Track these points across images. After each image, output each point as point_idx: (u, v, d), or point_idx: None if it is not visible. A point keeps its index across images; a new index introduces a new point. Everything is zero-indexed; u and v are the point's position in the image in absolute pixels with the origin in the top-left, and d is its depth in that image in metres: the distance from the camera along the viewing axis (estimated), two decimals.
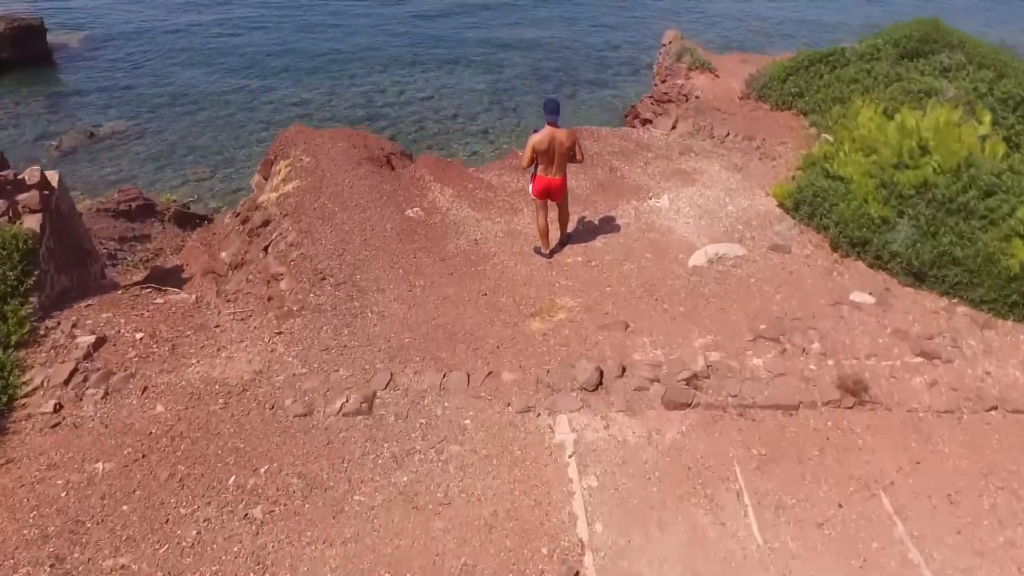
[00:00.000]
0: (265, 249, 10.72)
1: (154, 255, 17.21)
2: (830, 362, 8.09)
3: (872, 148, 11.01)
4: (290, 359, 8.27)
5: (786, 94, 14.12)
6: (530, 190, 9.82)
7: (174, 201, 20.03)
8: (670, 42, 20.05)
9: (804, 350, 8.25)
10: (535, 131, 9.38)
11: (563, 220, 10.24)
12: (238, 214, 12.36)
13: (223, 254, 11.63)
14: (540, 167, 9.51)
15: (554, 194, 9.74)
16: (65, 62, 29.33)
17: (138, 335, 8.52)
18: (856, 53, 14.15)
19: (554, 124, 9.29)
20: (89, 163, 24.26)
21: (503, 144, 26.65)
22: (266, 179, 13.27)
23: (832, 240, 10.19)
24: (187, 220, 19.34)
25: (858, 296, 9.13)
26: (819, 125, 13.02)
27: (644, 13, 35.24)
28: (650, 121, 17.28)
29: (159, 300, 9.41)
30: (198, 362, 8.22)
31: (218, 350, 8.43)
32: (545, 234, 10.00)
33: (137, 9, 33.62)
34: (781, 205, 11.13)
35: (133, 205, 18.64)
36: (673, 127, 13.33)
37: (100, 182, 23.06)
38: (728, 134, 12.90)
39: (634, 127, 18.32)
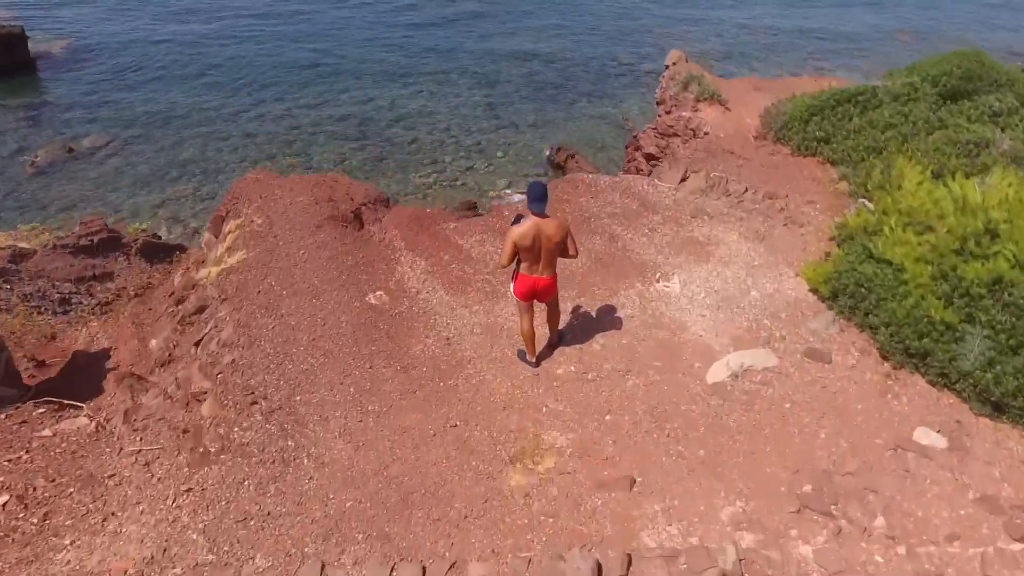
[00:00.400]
0: (197, 344, 8.39)
1: (115, 296, 14.91)
2: (901, 549, 5.77)
3: (925, 224, 8.62)
4: (195, 535, 5.96)
5: (810, 138, 11.69)
6: (511, 289, 7.45)
7: (143, 231, 17.62)
8: (674, 63, 17.55)
9: (865, 529, 5.93)
10: (516, 221, 7.04)
11: (553, 321, 7.91)
12: (172, 293, 10.00)
13: (152, 342, 9.30)
14: (523, 264, 7.16)
15: (541, 295, 7.40)
16: (47, 71, 26.79)
17: (1, 499, 6.19)
18: (890, 93, 11.70)
19: (540, 214, 6.92)
20: (65, 180, 21.93)
21: (497, 157, 24.34)
22: (217, 237, 10.91)
23: (882, 346, 7.85)
24: (156, 252, 16.95)
25: (924, 435, 6.80)
26: (850, 180, 10.62)
27: (644, 21, 32.60)
28: (654, 157, 14.88)
29: (47, 432, 7.08)
30: (73, 543, 5.91)
31: (104, 520, 6.13)
32: (531, 340, 7.66)
33: (125, 17, 31.00)
34: (815, 291, 8.77)
35: (96, 239, 16.21)
36: (683, 180, 10.93)
37: (74, 201, 20.79)
38: (746, 190, 10.50)
39: (634, 159, 15.92)
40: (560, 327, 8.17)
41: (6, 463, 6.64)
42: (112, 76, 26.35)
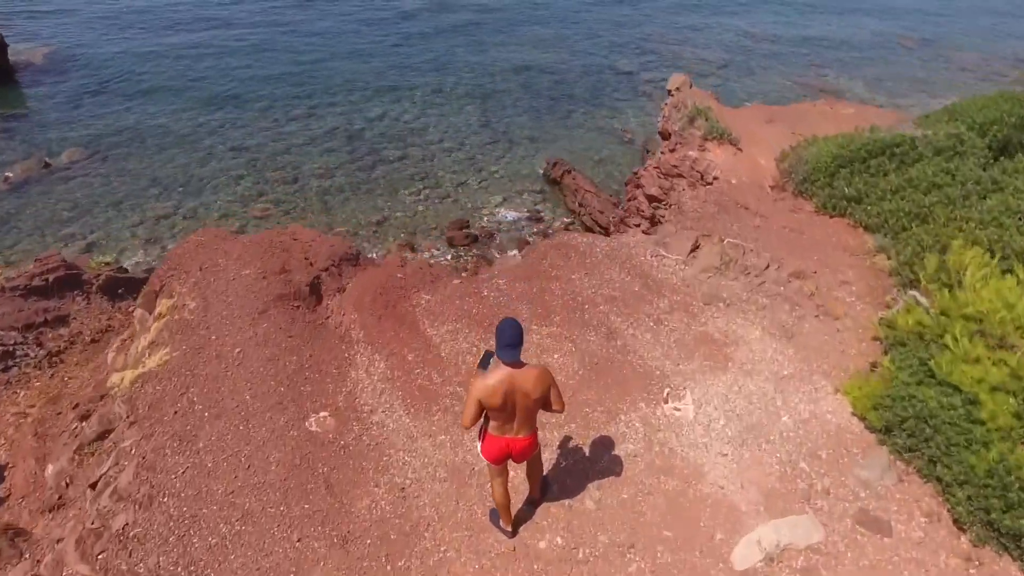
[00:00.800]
0: (93, 486, 6.31)
1: (68, 344, 12.95)
2: None
3: (997, 337, 6.50)
4: None
5: (837, 196, 9.55)
6: (478, 449, 5.34)
7: (106, 264, 15.47)
8: (677, 88, 15.32)
9: None
10: (484, 361, 4.95)
11: (533, 477, 5.84)
12: (76, 405, 7.90)
13: (49, 468, 7.22)
14: (492, 423, 5.05)
15: (517, 457, 5.29)
16: (28, 80, 24.49)
17: None
18: (931, 146, 9.52)
19: (514, 363, 4.79)
20: (40, 199, 19.77)
21: (491, 172, 22.21)
22: (150, 313, 8.80)
23: (957, 515, 5.74)
24: (120, 288, 14.86)
25: None
26: (891, 254, 8.47)
27: (644, 29, 30.15)
28: (656, 199, 12.71)
29: None
30: None
31: None
32: (505, 507, 5.59)
33: (110, 27, 28.52)
34: (861, 416, 6.66)
35: (51, 278, 14.09)
36: (693, 251, 8.79)
37: (48, 222, 18.67)
38: (768, 266, 8.37)
39: (635, 198, 13.75)
40: (545, 471, 6.08)
41: None
42: (95, 87, 24.08)
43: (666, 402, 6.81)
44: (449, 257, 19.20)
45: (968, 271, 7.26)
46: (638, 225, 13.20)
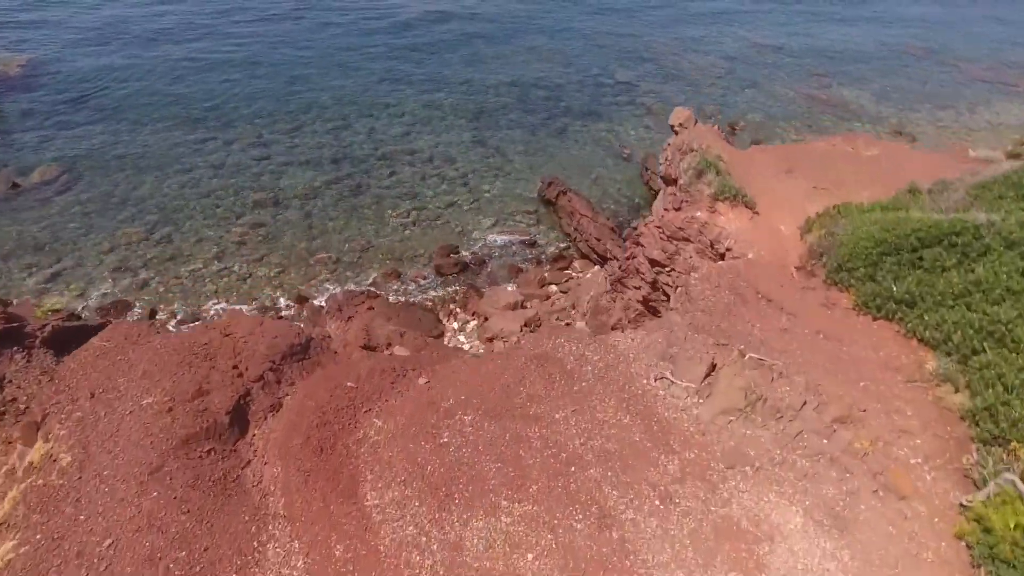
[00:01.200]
0: None
1: None
2: None
3: None
4: None
5: (882, 295, 7.22)
6: None
7: (55, 312, 13.04)
8: (681, 125, 12.90)
9: None
10: None
11: None
12: None
13: None
14: None
15: None
16: (1, 94, 21.99)
17: None
18: (1000, 235, 7.16)
19: None
20: (5, 222, 17.43)
21: (483, 192, 19.88)
22: (31, 447, 6.56)
23: None
24: (69, 339, 12.39)
25: None
26: (958, 384, 6.17)
27: (645, 39, 27.49)
28: (659, 263, 10.37)
29: None
30: None
31: None
32: None
33: (92, 39, 25.77)
34: None
35: None
36: (708, 375, 6.52)
37: (12, 250, 16.38)
38: (804, 404, 6.08)
39: (635, 257, 11.40)
40: None
41: None
42: (72, 102, 21.63)
43: None
44: (438, 291, 17.00)
45: None
46: (638, 288, 10.90)
